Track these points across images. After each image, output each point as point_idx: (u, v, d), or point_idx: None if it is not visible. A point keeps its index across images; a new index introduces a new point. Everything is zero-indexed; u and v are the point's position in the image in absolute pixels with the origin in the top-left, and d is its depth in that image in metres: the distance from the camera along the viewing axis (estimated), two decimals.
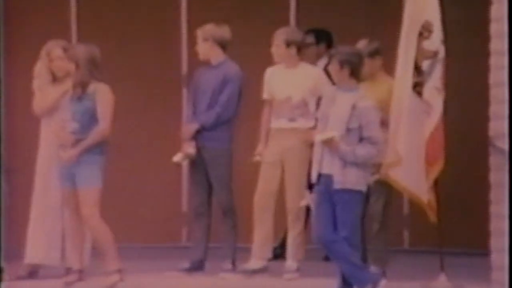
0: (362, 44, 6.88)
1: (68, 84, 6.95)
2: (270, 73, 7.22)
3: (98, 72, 6.82)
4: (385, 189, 6.87)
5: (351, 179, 6.25)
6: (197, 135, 7.14)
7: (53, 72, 7.09)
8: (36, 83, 7.12)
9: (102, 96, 6.80)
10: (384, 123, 6.76)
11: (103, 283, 6.79)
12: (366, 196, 6.59)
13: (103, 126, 6.78)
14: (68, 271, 6.96)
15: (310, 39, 7.71)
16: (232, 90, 7.15)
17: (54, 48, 7.10)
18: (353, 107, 6.26)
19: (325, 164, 6.29)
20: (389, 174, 6.73)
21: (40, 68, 7.12)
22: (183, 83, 8.66)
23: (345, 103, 6.29)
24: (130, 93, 8.30)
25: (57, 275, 6.97)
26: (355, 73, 6.35)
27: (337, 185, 6.24)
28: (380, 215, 6.92)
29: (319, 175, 6.31)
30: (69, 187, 6.81)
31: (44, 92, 7.06)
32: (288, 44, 7.06)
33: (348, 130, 6.25)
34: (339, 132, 6.24)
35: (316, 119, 6.66)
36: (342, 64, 6.31)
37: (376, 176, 6.75)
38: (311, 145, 6.58)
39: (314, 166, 6.37)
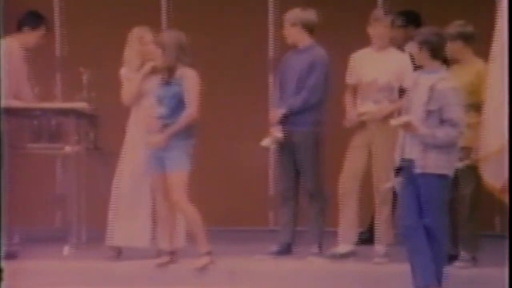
0: (450, 27, 6.64)
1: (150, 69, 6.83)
2: (356, 57, 6.98)
3: (185, 57, 6.66)
4: (475, 174, 6.56)
5: (431, 163, 5.99)
6: (284, 119, 6.91)
7: (143, 56, 6.94)
8: (124, 71, 6.96)
9: (189, 80, 6.64)
10: (473, 107, 6.50)
11: (194, 265, 6.66)
12: (456, 181, 6.35)
13: (191, 110, 6.63)
14: (160, 253, 6.83)
15: (399, 21, 7.46)
16: (319, 74, 6.90)
17: (146, 33, 6.94)
18: (431, 89, 6.00)
19: (408, 148, 6.07)
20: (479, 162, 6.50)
21: (129, 54, 6.97)
22: (270, 67, 8.45)
23: (425, 85, 6.05)
24: (218, 78, 8.15)
25: (147, 257, 6.85)
26: (436, 54, 6.07)
27: (418, 170, 6.00)
28: (470, 200, 6.64)
29: (403, 160, 6.08)
30: (158, 171, 6.67)
31: (131, 82, 6.90)
32: (394, 26, 6.87)
33: (428, 112, 6.00)
34: (419, 114, 6.00)
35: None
36: (421, 45, 6.07)
37: (467, 162, 6.49)
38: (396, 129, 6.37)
39: (397, 150, 6.15)
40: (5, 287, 6.45)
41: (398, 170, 6.13)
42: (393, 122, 6.14)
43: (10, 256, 6.84)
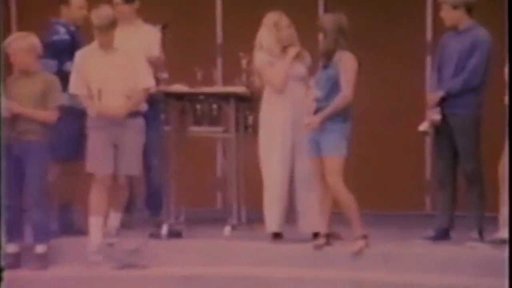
0: None
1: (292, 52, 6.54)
2: None
3: (344, 41, 6.33)
4: None
5: None
6: (443, 102, 6.39)
7: (281, 41, 6.58)
8: (263, 56, 6.56)
9: (346, 64, 6.29)
10: None
11: (349, 248, 6.31)
12: None
13: (345, 93, 6.27)
14: (316, 235, 6.51)
15: None
16: (480, 56, 6.33)
17: (281, 17, 6.59)
18: None
19: None
20: None
21: (268, 39, 6.57)
22: (428, 50, 7.94)
23: None
24: (375, 61, 7.76)
25: (305, 239, 6.56)
26: None
27: None
28: None
29: None
30: (314, 154, 6.35)
31: (278, 67, 6.56)
32: None
33: None
34: None
35: None
36: None
37: None
38: None
39: None
40: (168, 264, 6.37)
41: None
42: None
43: (176, 234, 6.77)
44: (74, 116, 6.77)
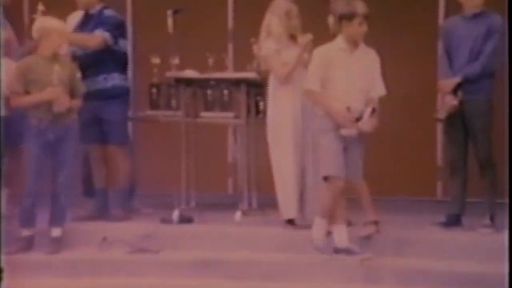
0: None
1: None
2: None
3: None
4: None
5: None
6: (458, 88, 6.21)
7: (289, 30, 6.43)
8: (271, 43, 6.39)
9: None
10: None
11: (359, 233, 6.14)
12: None
13: None
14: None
15: None
16: (497, 40, 6.15)
17: (292, 6, 6.43)
18: None
19: None
20: None
21: (277, 27, 6.40)
22: (439, 34, 7.90)
23: None
24: (386, 46, 7.62)
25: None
26: None
27: None
28: None
29: None
30: None
31: (283, 58, 6.37)
32: None
33: None
34: None
35: None
36: None
37: None
38: None
39: None
40: (179, 249, 6.25)
41: None
42: None
43: (187, 220, 6.63)
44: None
